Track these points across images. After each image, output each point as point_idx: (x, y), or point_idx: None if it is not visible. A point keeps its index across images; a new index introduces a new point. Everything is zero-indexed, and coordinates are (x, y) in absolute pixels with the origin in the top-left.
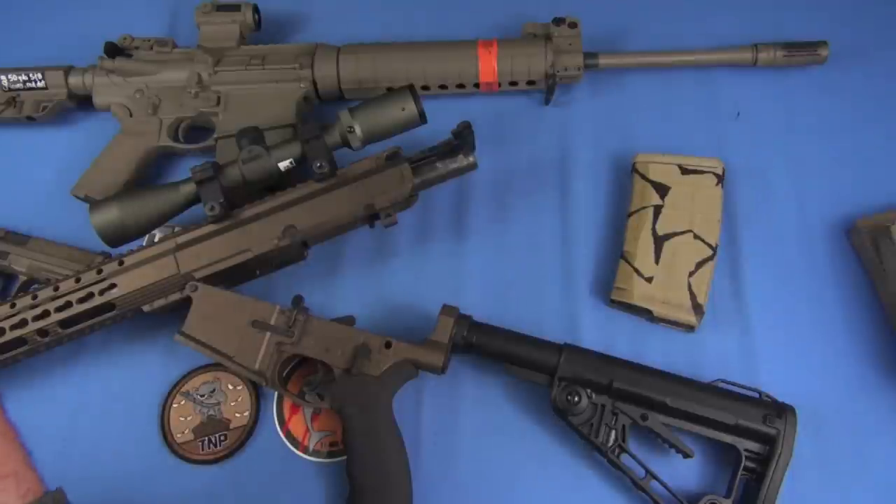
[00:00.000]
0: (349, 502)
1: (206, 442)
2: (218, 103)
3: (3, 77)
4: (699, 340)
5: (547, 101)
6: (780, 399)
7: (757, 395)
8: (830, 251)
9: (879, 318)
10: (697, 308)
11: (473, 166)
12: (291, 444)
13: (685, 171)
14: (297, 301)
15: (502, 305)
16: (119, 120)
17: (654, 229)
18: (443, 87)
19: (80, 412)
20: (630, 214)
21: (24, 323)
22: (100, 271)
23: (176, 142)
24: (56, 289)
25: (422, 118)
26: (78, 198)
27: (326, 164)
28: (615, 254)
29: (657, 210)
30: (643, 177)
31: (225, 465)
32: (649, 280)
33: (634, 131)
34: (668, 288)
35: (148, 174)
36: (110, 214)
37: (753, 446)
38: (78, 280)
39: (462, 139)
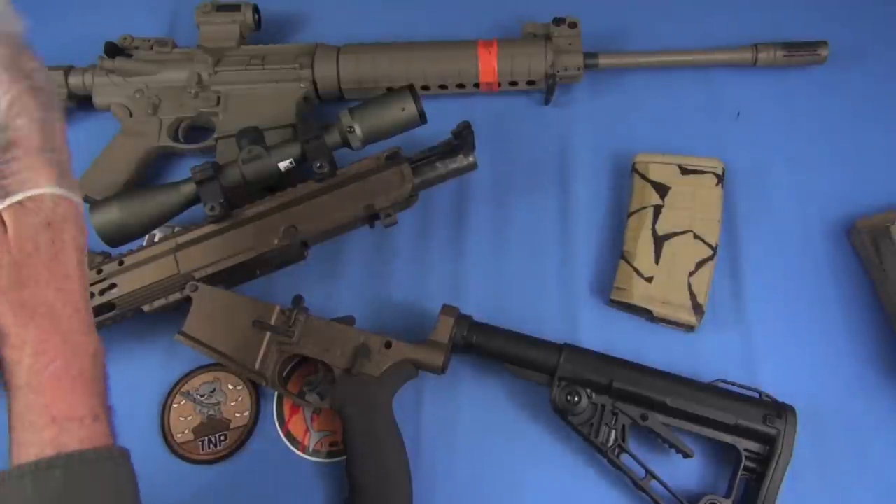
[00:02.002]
0: (349, 502)
1: (206, 442)
2: (218, 103)
3: None
4: (699, 340)
5: (547, 101)
6: (780, 399)
7: (757, 395)
8: (830, 251)
9: (879, 318)
10: (697, 308)
11: (473, 166)
12: (291, 444)
13: (685, 171)
14: (297, 301)
15: (502, 305)
16: (119, 120)
17: (654, 229)
18: (443, 87)
19: None
20: (630, 214)
21: None
22: (100, 271)
23: (176, 142)
24: None
25: (422, 118)
26: None
27: (326, 164)
28: (615, 254)
29: (657, 210)
30: (643, 177)
31: (225, 465)
32: (649, 280)
33: (634, 131)
34: (668, 288)
35: (148, 174)
36: (110, 214)
37: (753, 446)
38: None
39: (462, 139)
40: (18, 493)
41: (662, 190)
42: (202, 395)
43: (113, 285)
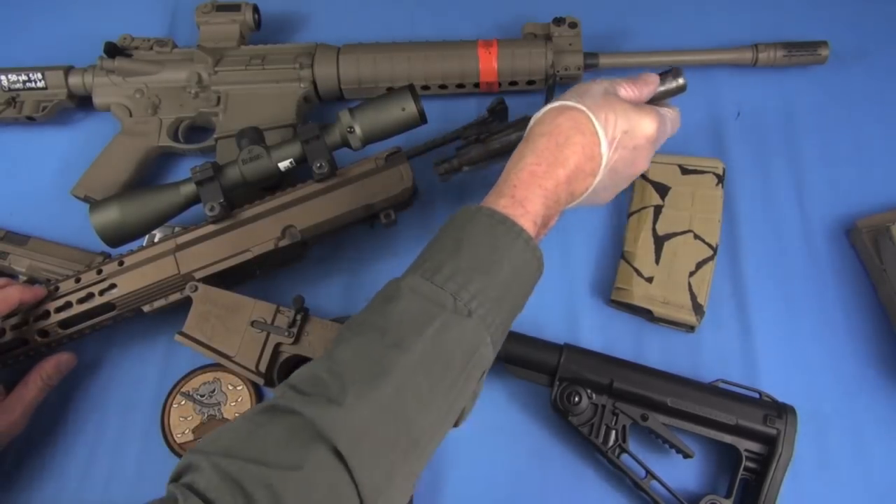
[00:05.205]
0: None
1: None
2: (218, 103)
3: (3, 77)
4: (699, 340)
5: (547, 101)
6: (781, 399)
7: (757, 396)
8: (830, 251)
9: (879, 318)
10: (698, 308)
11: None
12: None
13: (685, 171)
14: (298, 301)
15: None
16: (119, 120)
17: (654, 229)
18: (443, 87)
19: (79, 412)
20: (630, 214)
21: (24, 323)
22: (100, 271)
23: (176, 142)
24: (56, 289)
25: (422, 118)
26: (78, 198)
27: (326, 164)
28: (615, 254)
29: (657, 210)
30: (643, 177)
31: None
32: (650, 280)
33: None
34: (669, 288)
35: (148, 174)
36: (110, 214)
37: (754, 446)
38: (78, 280)
39: (497, 116)
40: (475, 220)
41: (662, 190)
42: (202, 395)
43: (113, 285)
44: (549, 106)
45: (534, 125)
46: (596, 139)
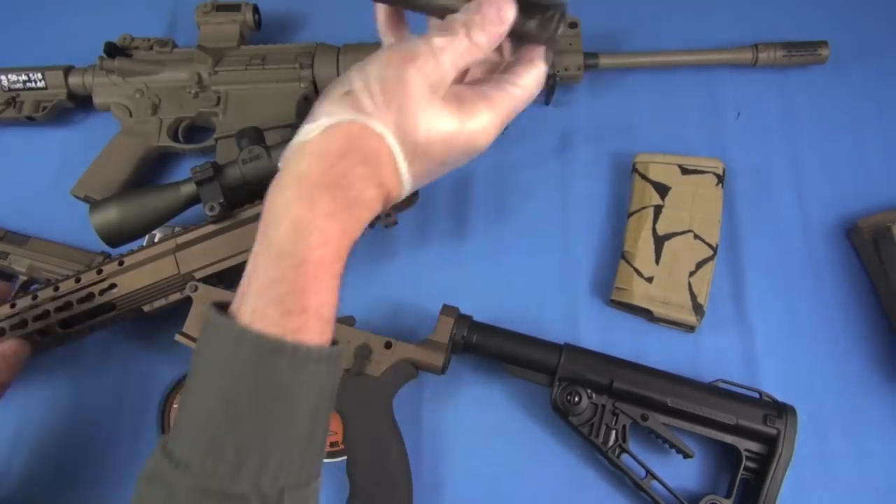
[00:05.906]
0: (350, 502)
1: None
2: (218, 103)
3: (2, 77)
4: (699, 340)
5: (547, 101)
6: (781, 399)
7: (757, 396)
8: (830, 251)
9: (879, 318)
10: (698, 308)
11: None
12: None
13: (685, 171)
14: None
15: (502, 305)
16: (119, 120)
17: (654, 229)
18: None
19: (79, 412)
20: (630, 214)
21: (24, 323)
22: (100, 271)
23: (176, 142)
24: (56, 289)
25: None
26: (78, 198)
27: None
28: (615, 254)
29: (657, 210)
30: (643, 177)
31: None
32: (649, 280)
33: (634, 131)
34: (669, 288)
35: (148, 174)
36: (110, 214)
37: (754, 446)
38: (78, 280)
39: None
40: (246, 364)
41: (663, 190)
42: None
43: (113, 285)
44: (337, 121)
45: (311, 156)
46: (396, 179)
